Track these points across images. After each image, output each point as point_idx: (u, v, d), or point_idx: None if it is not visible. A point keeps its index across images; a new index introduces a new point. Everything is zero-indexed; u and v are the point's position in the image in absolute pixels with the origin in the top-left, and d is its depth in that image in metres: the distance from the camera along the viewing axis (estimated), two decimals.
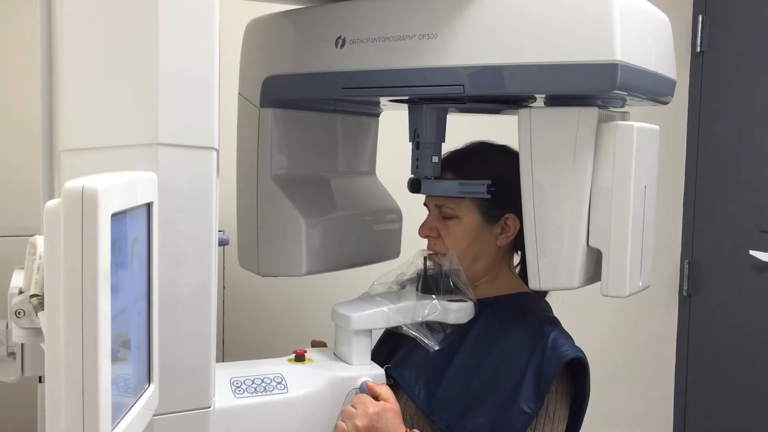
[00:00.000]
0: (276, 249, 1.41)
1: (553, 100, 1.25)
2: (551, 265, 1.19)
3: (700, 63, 2.53)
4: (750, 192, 2.43)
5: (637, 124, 1.16)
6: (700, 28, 2.50)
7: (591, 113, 1.16)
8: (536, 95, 1.23)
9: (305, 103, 1.43)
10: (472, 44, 1.14)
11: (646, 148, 1.18)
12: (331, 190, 1.50)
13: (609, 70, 1.06)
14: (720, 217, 2.52)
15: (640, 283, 1.19)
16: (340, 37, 1.27)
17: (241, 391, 1.18)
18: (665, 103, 1.32)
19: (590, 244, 1.16)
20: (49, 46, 1.01)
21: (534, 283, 1.20)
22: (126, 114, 0.95)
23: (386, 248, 1.58)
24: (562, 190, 1.17)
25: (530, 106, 1.22)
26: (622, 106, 1.31)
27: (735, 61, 2.47)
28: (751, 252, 2.39)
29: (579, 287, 1.18)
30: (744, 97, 2.46)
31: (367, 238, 1.54)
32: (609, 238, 1.15)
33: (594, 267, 1.20)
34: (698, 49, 2.51)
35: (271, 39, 1.42)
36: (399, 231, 1.60)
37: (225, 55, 1.05)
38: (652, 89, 1.22)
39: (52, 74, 0.98)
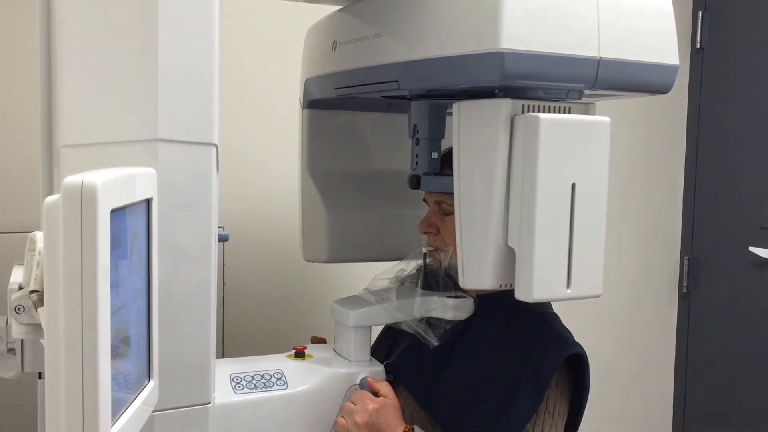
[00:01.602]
0: (309, 237, 1.53)
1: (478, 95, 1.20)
2: (472, 263, 1.15)
3: (700, 59, 2.53)
4: (750, 188, 2.43)
5: (548, 116, 1.07)
6: (700, 25, 2.50)
7: (503, 105, 1.10)
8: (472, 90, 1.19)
9: (353, 103, 1.49)
10: (403, 40, 1.16)
11: (573, 142, 1.09)
12: (365, 186, 1.55)
13: (495, 59, 1.02)
14: (719, 214, 2.52)
15: (568, 290, 1.10)
16: (334, 42, 1.34)
17: (241, 387, 1.18)
18: (660, 92, 1.21)
19: (508, 243, 1.12)
20: (49, 41, 1.01)
21: (461, 282, 1.17)
22: (125, 110, 0.95)
23: (414, 246, 1.60)
24: (479, 185, 1.13)
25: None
26: (579, 98, 1.22)
27: (735, 57, 2.47)
28: (751, 248, 2.39)
29: (498, 288, 1.12)
30: (744, 93, 2.46)
31: (394, 234, 1.55)
32: (520, 238, 1.10)
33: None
34: (698, 46, 2.51)
35: (308, 44, 1.52)
36: None
37: (226, 51, 1.05)
38: (583, 77, 1.11)
39: (51, 70, 0.98)
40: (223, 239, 1.12)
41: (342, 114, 1.55)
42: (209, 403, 1.08)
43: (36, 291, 0.91)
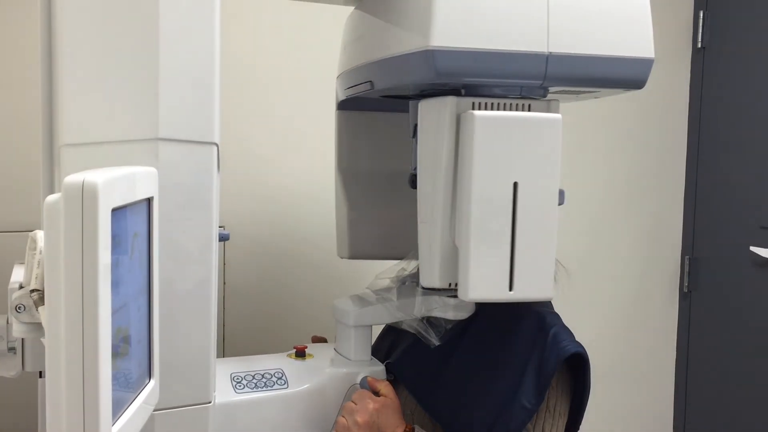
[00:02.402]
0: (338, 234, 1.56)
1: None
2: (425, 261, 1.15)
3: (701, 59, 2.53)
4: (751, 188, 2.43)
5: (484, 113, 1.07)
6: (701, 24, 2.50)
7: (448, 102, 1.11)
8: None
9: (370, 104, 1.49)
10: (370, 43, 1.18)
11: (515, 140, 1.07)
12: (393, 185, 1.55)
13: (427, 57, 1.03)
14: (720, 214, 2.52)
15: (511, 292, 1.09)
16: (343, 42, 1.36)
17: (242, 386, 1.18)
18: (634, 87, 1.14)
19: (455, 241, 1.11)
20: (50, 40, 1.01)
21: (420, 280, 1.17)
22: (126, 109, 0.95)
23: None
24: (429, 183, 1.13)
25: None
26: (544, 95, 1.20)
27: (736, 57, 2.47)
28: (752, 248, 2.39)
29: (445, 287, 1.12)
30: (745, 93, 2.45)
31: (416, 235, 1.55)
32: (460, 236, 1.09)
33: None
34: (699, 45, 2.51)
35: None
36: None
37: (227, 50, 1.05)
38: (531, 73, 1.09)
39: (52, 69, 0.98)
40: (223, 238, 1.12)
41: (381, 115, 1.55)
42: (210, 403, 1.08)
43: (37, 290, 0.91)
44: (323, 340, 1.48)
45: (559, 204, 1.11)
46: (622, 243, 2.44)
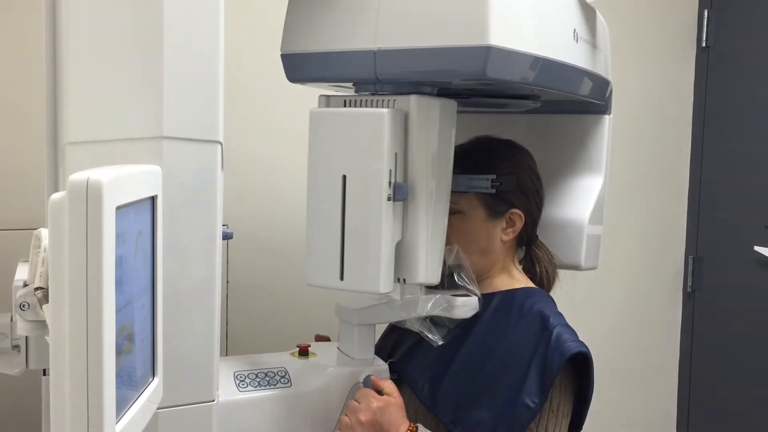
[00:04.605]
0: None
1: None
2: None
3: (705, 58, 2.52)
4: (755, 187, 2.42)
5: (318, 110, 1.15)
6: (705, 23, 2.49)
7: (321, 101, 1.19)
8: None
9: None
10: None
11: (345, 135, 1.10)
12: None
13: (284, 63, 1.19)
14: (724, 213, 2.51)
15: (342, 282, 1.13)
16: None
17: (245, 384, 1.18)
18: (475, 78, 1.07)
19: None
20: (54, 38, 1.01)
21: None
22: (130, 107, 0.95)
23: None
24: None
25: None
26: (434, 93, 1.21)
27: (740, 56, 2.46)
28: (756, 248, 2.38)
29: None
30: (749, 92, 2.45)
31: None
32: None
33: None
34: (704, 44, 2.50)
35: None
36: None
37: (231, 49, 1.05)
38: (361, 71, 1.11)
39: (56, 67, 0.98)
40: (227, 237, 1.12)
41: None
42: (213, 401, 1.08)
43: (41, 288, 0.91)
44: (326, 339, 1.48)
45: (400, 199, 1.12)
46: (625, 242, 2.44)
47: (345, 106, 1.16)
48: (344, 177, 1.10)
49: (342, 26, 1.10)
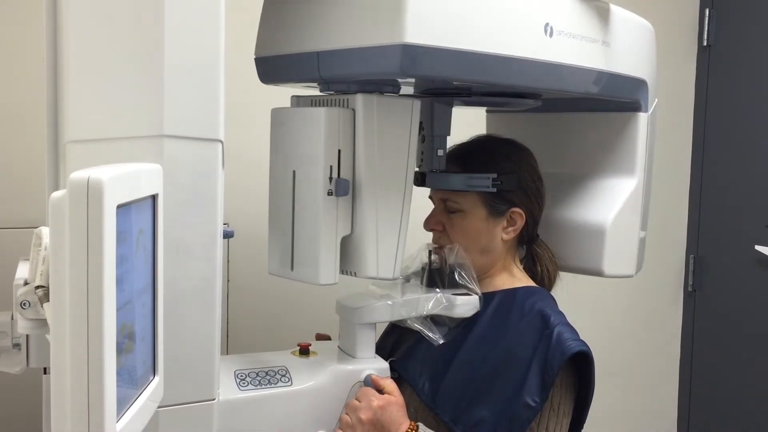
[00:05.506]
0: None
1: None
2: None
3: (706, 57, 2.52)
4: (756, 187, 2.42)
5: (277, 108, 1.21)
6: (707, 22, 2.49)
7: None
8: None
9: None
10: None
11: (296, 131, 1.16)
12: None
13: (256, 65, 1.26)
14: (725, 212, 2.51)
15: (292, 272, 1.21)
16: None
17: (246, 383, 1.18)
18: (393, 77, 1.08)
19: None
20: (55, 37, 1.01)
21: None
22: (131, 105, 0.95)
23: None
24: None
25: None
26: (396, 91, 1.24)
27: (742, 55, 2.46)
28: (757, 247, 2.38)
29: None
30: (751, 91, 2.45)
31: None
32: None
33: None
34: (705, 43, 2.50)
35: None
36: None
37: (232, 47, 1.05)
38: (308, 73, 1.14)
39: (57, 65, 0.98)
40: (228, 236, 1.12)
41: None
42: (214, 400, 1.08)
43: (42, 286, 0.91)
44: (327, 338, 1.48)
45: (341, 194, 1.15)
46: None
47: (311, 105, 1.21)
48: (294, 172, 1.16)
49: (291, 30, 1.14)
